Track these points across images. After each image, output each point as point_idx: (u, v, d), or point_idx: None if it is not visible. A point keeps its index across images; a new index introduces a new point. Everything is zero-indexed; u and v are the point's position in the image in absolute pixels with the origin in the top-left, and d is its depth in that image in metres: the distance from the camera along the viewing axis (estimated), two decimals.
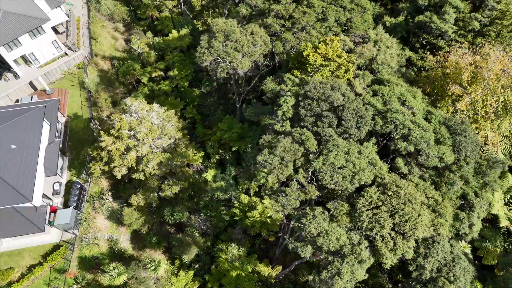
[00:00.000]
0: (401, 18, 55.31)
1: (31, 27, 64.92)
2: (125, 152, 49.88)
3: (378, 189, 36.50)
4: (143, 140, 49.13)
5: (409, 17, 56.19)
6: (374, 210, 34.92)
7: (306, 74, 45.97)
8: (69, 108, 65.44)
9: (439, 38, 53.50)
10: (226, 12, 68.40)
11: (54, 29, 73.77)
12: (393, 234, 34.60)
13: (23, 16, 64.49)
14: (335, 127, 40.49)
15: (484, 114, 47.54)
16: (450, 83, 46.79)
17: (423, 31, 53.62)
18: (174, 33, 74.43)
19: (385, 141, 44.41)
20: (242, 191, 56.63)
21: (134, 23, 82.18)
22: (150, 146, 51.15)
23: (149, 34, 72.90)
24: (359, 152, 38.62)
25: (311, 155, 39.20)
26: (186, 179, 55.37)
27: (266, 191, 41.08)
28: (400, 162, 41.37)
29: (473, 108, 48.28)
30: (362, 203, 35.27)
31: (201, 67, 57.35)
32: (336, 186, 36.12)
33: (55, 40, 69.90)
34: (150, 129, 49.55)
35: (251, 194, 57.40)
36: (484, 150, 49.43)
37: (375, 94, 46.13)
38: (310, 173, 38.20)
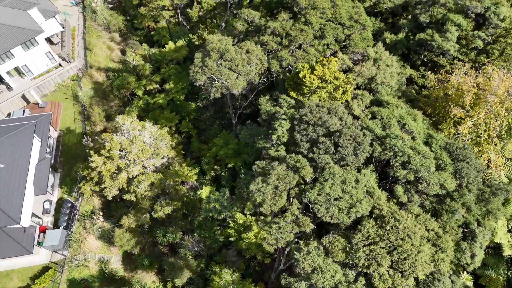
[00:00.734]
0: (401, 35, 53.27)
1: (24, 39, 63.18)
2: (116, 173, 48.08)
3: (375, 223, 34.54)
4: (135, 160, 47.31)
5: (409, 33, 54.16)
6: (371, 246, 32.97)
7: (302, 96, 44.06)
8: (62, 122, 63.65)
9: (441, 56, 51.49)
10: (224, 24, 66.51)
11: (49, 39, 72.11)
12: (391, 271, 32.66)
13: (16, 28, 62.76)
14: (331, 153, 38.57)
15: (487, 137, 45.57)
16: (452, 106, 44.81)
17: (424, 49, 51.64)
18: (170, 45, 72.59)
19: (384, 167, 42.46)
20: (238, 210, 54.81)
21: (131, 33, 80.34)
22: (143, 166, 49.33)
23: (145, 46, 71.03)
24: (356, 181, 36.70)
25: (306, 185, 37.28)
26: (180, 199, 53.50)
27: (259, 222, 39.19)
28: (399, 189, 39.41)
29: (475, 130, 46.31)
30: (359, 238, 33.32)
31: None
32: (332, 219, 34.21)
33: (49, 52, 68.18)
34: (142, 149, 47.70)
35: (247, 213, 55.57)
36: (487, 173, 47.42)
37: (374, 116, 44.16)
38: (305, 203, 36.30)
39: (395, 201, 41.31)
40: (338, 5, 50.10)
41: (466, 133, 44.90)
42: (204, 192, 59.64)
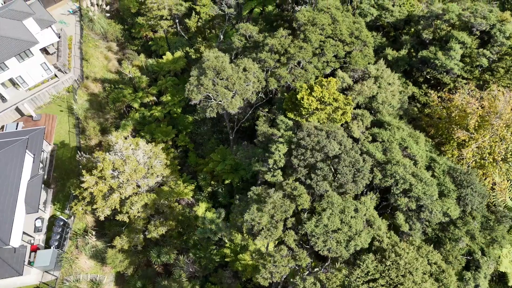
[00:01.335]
0: (403, 52, 51.39)
1: (19, 50, 61.54)
2: (108, 193, 46.44)
3: (375, 257, 32.81)
4: (127, 181, 45.64)
5: (412, 50, 52.29)
6: (371, 284, 31.25)
7: (300, 117, 42.31)
8: (56, 135, 62.00)
9: (444, 73, 49.63)
10: (222, 37, 64.76)
11: (45, 49, 70.51)
12: None
13: (10, 39, 61.10)
14: (330, 180, 36.85)
15: (492, 161, 43.77)
16: (455, 129, 43.01)
17: (427, 66, 49.79)
18: (168, 56, 70.91)
19: (384, 191, 40.69)
20: (234, 228, 53.15)
21: (128, 42, 78.64)
22: (137, 185, 47.67)
23: (142, 57, 69.37)
24: (356, 210, 34.97)
25: (303, 214, 35.56)
26: (175, 218, 51.79)
27: (254, 254, 37.48)
28: (400, 218, 37.63)
29: (480, 153, 44.50)
30: (358, 274, 31.61)
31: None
32: (329, 252, 32.50)
33: (44, 63, 66.53)
34: (135, 169, 46.02)
35: (244, 231, 53.89)
36: (491, 196, 45.59)
37: (374, 139, 42.42)
38: (302, 235, 34.60)
39: (397, 223, 39.48)
40: (339, 21, 48.30)
41: (470, 157, 43.09)
42: (201, 208, 58.01)
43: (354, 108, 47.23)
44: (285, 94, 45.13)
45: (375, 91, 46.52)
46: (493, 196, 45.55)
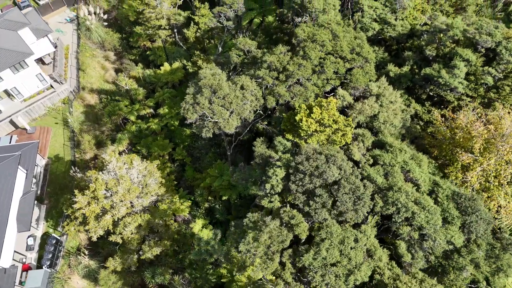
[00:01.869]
0: (406, 68, 49.64)
1: (13, 62, 59.97)
2: (101, 214, 44.90)
3: None
4: (121, 201, 44.08)
5: (415, 66, 50.56)
6: None
7: (299, 138, 40.68)
8: (51, 149, 60.47)
9: (448, 91, 47.92)
10: (220, 49, 63.14)
11: (41, 59, 69.05)
12: None
13: (5, 50, 59.53)
14: (329, 207, 35.22)
15: (497, 184, 42.07)
16: (460, 152, 41.33)
17: (430, 83, 48.07)
18: (166, 66, 69.36)
19: (385, 218, 39.04)
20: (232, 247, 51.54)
21: (126, 51, 77.05)
22: (130, 204, 46.12)
23: (139, 68, 67.83)
24: (356, 240, 33.34)
25: (301, 244, 33.92)
26: (170, 237, 50.23)
27: (250, 278, 35.89)
28: (402, 247, 35.96)
29: (484, 175, 42.80)
30: None
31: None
32: (328, 287, 30.88)
33: (40, 73, 65.05)
34: (128, 188, 44.44)
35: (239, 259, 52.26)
36: (496, 220, 43.87)
37: (375, 161, 40.76)
38: (299, 268, 32.97)
39: (399, 252, 37.83)
40: (339, 37, 46.63)
41: (475, 180, 41.40)
42: (197, 225, 56.49)
43: (355, 128, 45.60)
44: (283, 114, 43.44)
45: (376, 110, 44.87)
46: (498, 220, 43.85)
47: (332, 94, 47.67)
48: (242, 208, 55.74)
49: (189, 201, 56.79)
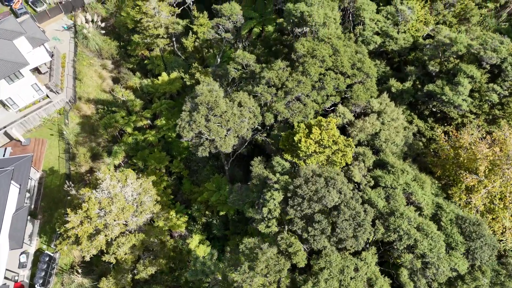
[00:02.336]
0: (408, 84, 48.17)
1: (8, 72, 58.55)
2: (94, 233, 43.54)
3: None
4: (114, 221, 42.71)
5: (417, 82, 49.12)
6: None
7: (298, 158, 39.27)
8: (46, 161, 59.13)
9: (452, 107, 46.43)
10: (219, 60, 61.69)
11: (37, 68, 67.73)
12: None
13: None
14: (328, 234, 33.78)
15: (502, 207, 40.61)
16: (464, 174, 39.88)
17: (433, 99, 46.59)
18: (164, 76, 67.96)
19: (387, 244, 37.58)
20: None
21: (124, 60, 75.69)
22: (124, 223, 44.74)
23: (136, 79, 66.44)
24: (356, 269, 31.96)
25: (298, 276, 32.50)
26: (165, 255, 48.87)
27: None
28: (404, 275, 34.48)
29: (489, 196, 41.34)
30: None
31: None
32: None
33: (36, 83, 63.75)
34: (122, 207, 43.09)
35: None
36: (502, 242, 42.39)
37: (376, 182, 39.32)
38: None
39: (401, 281, 36.41)
40: (340, 52, 45.16)
41: (479, 203, 39.95)
42: (194, 241, 55.14)
43: (356, 146, 44.16)
44: (282, 133, 42.00)
45: (378, 128, 43.44)
46: (503, 242, 42.39)
47: (332, 110, 46.25)
48: (240, 224, 54.38)
49: (185, 216, 55.45)
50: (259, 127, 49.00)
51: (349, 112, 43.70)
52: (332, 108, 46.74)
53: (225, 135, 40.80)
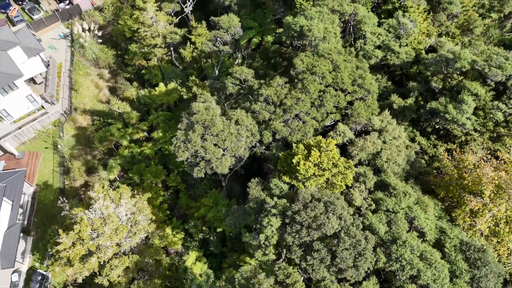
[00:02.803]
0: (410, 100, 46.62)
1: (2, 84, 57.21)
2: (87, 254, 42.15)
3: None
4: (108, 242, 41.29)
5: (420, 98, 47.63)
6: None
7: (296, 180, 37.82)
8: (40, 175, 57.70)
9: (455, 125, 44.91)
10: (217, 72, 60.28)
11: (32, 79, 66.36)
12: None
13: None
14: (328, 263, 32.33)
15: (508, 230, 39.16)
16: (468, 198, 38.42)
17: (436, 116, 45.08)
18: (161, 87, 66.53)
19: (388, 271, 36.13)
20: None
21: (121, 69, 74.22)
22: (117, 244, 43.34)
23: (133, 91, 65.01)
24: None
25: None
26: (161, 275, 47.45)
27: None
28: None
29: (494, 219, 39.88)
30: None
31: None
32: None
33: (30, 94, 62.38)
34: (116, 228, 41.68)
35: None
36: (507, 264, 40.93)
37: (378, 206, 37.85)
38: None
39: None
40: (340, 68, 43.68)
41: (484, 227, 38.49)
42: (191, 258, 53.67)
43: (356, 165, 42.71)
44: (280, 154, 40.50)
45: (379, 147, 41.96)
46: (509, 266, 40.91)
47: (332, 128, 44.77)
48: (237, 241, 52.89)
49: (182, 233, 54.06)
50: (257, 144, 47.53)
51: (349, 130, 42.24)
52: (333, 126, 45.26)
53: (222, 155, 39.36)
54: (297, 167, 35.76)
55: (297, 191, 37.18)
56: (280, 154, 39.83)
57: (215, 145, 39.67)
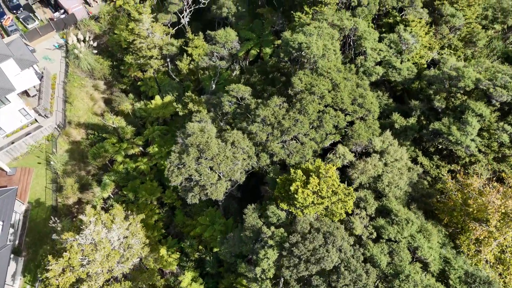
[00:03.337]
0: (413, 120, 44.95)
1: None
2: (77, 281, 40.51)
3: None
4: (98, 269, 39.62)
5: (422, 117, 45.98)
6: None
7: (294, 207, 36.17)
8: (32, 192, 56.01)
9: (459, 145, 43.24)
10: (214, 86, 58.63)
11: (25, 91, 64.71)
12: None
13: None
14: None
15: None
16: (473, 226, 36.78)
17: (439, 137, 43.43)
18: (157, 100, 64.79)
19: None
20: None
21: (117, 80, 72.60)
22: (109, 270, 41.68)
23: (128, 105, 63.36)
24: None
25: None
26: None
27: None
28: None
29: (500, 246, 38.24)
30: None
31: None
32: None
33: (23, 108, 60.76)
34: (107, 254, 40.03)
35: None
36: None
37: (379, 234, 36.21)
38: None
39: None
40: (340, 87, 42.01)
41: (490, 256, 36.85)
42: (186, 279, 52.02)
43: (357, 189, 41.07)
44: (277, 179, 38.81)
45: (380, 170, 40.28)
46: None
47: (331, 149, 43.10)
48: (234, 263, 51.24)
49: (177, 253, 52.43)
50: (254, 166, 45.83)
51: (349, 152, 40.57)
52: (332, 147, 43.59)
53: (217, 181, 37.71)
54: (295, 195, 34.11)
55: (295, 218, 35.53)
56: (277, 180, 38.14)
57: (210, 168, 38.00)
